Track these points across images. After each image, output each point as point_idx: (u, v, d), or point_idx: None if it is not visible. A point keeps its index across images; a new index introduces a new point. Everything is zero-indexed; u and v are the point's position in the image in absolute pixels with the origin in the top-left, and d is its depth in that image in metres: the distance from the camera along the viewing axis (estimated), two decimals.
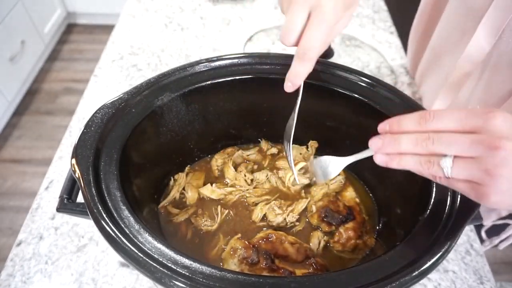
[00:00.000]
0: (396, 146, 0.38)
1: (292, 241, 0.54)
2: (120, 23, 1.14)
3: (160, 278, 0.37)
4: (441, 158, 0.36)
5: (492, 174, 0.33)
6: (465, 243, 0.67)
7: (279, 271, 0.49)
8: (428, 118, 0.37)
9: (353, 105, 0.59)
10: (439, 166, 0.36)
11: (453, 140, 0.35)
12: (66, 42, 2.64)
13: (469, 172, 0.34)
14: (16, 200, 1.80)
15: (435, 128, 0.36)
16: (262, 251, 0.51)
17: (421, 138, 0.36)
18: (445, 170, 0.35)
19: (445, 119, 0.36)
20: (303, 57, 0.45)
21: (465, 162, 0.34)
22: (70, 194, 0.49)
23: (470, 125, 0.34)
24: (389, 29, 1.13)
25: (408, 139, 0.37)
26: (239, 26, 1.13)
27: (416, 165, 0.38)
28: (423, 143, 0.36)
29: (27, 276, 0.61)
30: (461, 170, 0.35)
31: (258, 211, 0.61)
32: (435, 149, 0.36)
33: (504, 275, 1.55)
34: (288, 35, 0.45)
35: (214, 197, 0.63)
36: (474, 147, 0.34)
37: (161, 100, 0.56)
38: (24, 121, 2.14)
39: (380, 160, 0.40)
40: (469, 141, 0.34)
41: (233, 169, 0.67)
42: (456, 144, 0.35)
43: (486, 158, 0.33)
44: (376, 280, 0.38)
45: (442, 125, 0.36)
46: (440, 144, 0.35)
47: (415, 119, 0.37)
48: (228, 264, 0.53)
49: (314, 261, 0.52)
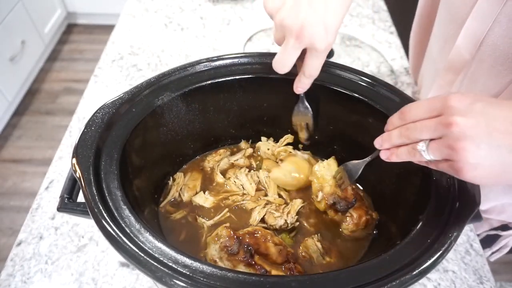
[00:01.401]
0: (390, 141, 0.44)
1: (276, 242, 0.54)
2: (120, 23, 1.14)
3: (161, 277, 0.37)
4: (418, 144, 0.40)
5: (455, 148, 0.36)
6: (465, 243, 0.67)
7: (255, 267, 0.50)
8: (405, 112, 0.42)
9: (352, 104, 0.59)
10: (419, 151, 0.40)
11: (423, 126, 0.39)
12: (66, 42, 2.64)
13: (441, 151, 0.38)
14: (16, 200, 1.80)
15: (411, 119, 0.41)
16: (245, 244, 0.52)
17: (403, 130, 0.42)
18: (423, 154, 0.40)
19: (417, 109, 0.41)
20: (309, 75, 0.53)
21: (436, 143, 0.39)
22: (71, 194, 0.49)
23: (435, 110, 0.39)
24: (389, 29, 1.13)
25: (396, 133, 0.43)
26: (239, 26, 1.13)
27: (407, 154, 0.42)
28: (404, 134, 0.42)
29: (27, 276, 0.62)
30: (435, 151, 0.39)
31: (255, 215, 0.61)
32: (413, 137, 0.41)
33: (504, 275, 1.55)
34: (282, 68, 0.52)
35: (207, 206, 0.63)
36: (438, 128, 0.38)
37: (161, 100, 0.56)
38: (24, 121, 2.14)
39: (384, 156, 0.45)
40: (433, 124, 0.38)
41: (221, 176, 0.67)
42: (426, 129, 0.39)
43: (447, 136, 0.37)
44: (376, 279, 0.38)
45: (416, 115, 0.41)
46: (415, 132, 0.40)
47: (398, 115, 0.43)
48: (210, 248, 0.53)
49: (293, 266, 0.52)
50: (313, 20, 0.46)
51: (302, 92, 0.57)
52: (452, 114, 0.37)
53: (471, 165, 0.36)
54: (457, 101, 0.37)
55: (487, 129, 0.35)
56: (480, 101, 0.37)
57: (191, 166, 0.69)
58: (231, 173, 0.67)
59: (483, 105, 0.36)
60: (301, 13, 0.46)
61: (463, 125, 0.36)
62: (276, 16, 0.48)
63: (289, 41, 0.48)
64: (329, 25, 0.47)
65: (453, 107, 0.37)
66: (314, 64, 0.51)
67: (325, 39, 0.48)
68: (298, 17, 0.46)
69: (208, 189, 0.66)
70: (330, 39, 0.48)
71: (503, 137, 0.35)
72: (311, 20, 0.46)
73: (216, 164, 0.68)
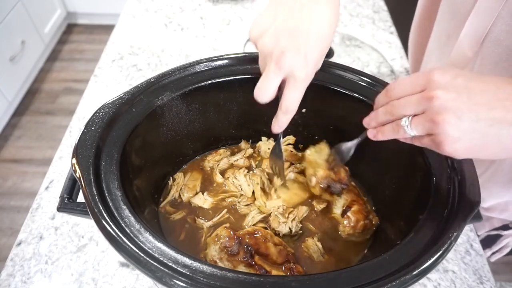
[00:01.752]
0: (377, 119, 0.45)
1: (276, 242, 0.54)
2: (120, 23, 1.14)
3: (161, 277, 0.37)
4: (402, 120, 0.41)
5: (436, 121, 0.37)
6: (465, 242, 0.67)
7: (255, 268, 0.50)
8: (390, 89, 0.43)
9: (353, 104, 0.59)
10: (402, 126, 0.41)
11: (406, 102, 0.40)
12: (66, 42, 2.64)
13: (423, 126, 0.39)
14: (16, 200, 1.80)
15: (396, 96, 0.42)
16: (245, 244, 0.52)
17: (388, 107, 0.42)
18: (407, 130, 0.41)
19: (402, 86, 0.41)
20: (286, 111, 0.51)
21: (418, 117, 0.39)
22: (71, 194, 0.49)
23: (418, 86, 0.39)
24: (389, 29, 1.13)
25: (381, 111, 0.43)
26: (239, 26, 1.13)
27: (391, 131, 0.43)
28: (389, 111, 0.42)
29: (27, 276, 0.62)
30: (418, 126, 0.39)
31: (249, 220, 0.61)
32: (397, 113, 0.41)
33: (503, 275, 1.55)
34: (263, 96, 0.50)
35: (206, 207, 0.63)
36: (420, 102, 0.38)
37: (161, 99, 0.56)
38: (24, 121, 2.14)
39: (371, 134, 0.46)
40: (416, 99, 0.39)
41: (220, 176, 0.67)
42: (409, 104, 0.40)
43: (428, 110, 0.38)
44: (377, 279, 0.38)
45: (401, 92, 0.41)
46: (398, 108, 0.41)
47: (384, 92, 0.44)
48: (210, 249, 0.53)
49: (293, 266, 0.52)
50: (292, 48, 0.46)
51: (279, 131, 0.54)
52: (434, 88, 0.37)
53: (452, 138, 0.37)
54: (439, 76, 0.38)
55: (468, 102, 0.36)
56: (462, 75, 0.37)
57: (191, 166, 0.69)
58: (230, 173, 0.67)
59: (465, 79, 0.37)
60: (281, 41, 0.46)
61: (444, 98, 0.36)
62: (258, 42, 0.49)
63: (270, 67, 0.47)
64: (309, 55, 0.47)
65: (436, 81, 0.37)
66: (293, 96, 0.49)
67: (305, 68, 0.47)
68: (278, 44, 0.46)
69: (208, 190, 0.66)
70: (310, 69, 0.47)
71: (483, 110, 0.36)
72: (291, 48, 0.46)
73: (216, 164, 0.68)
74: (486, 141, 0.37)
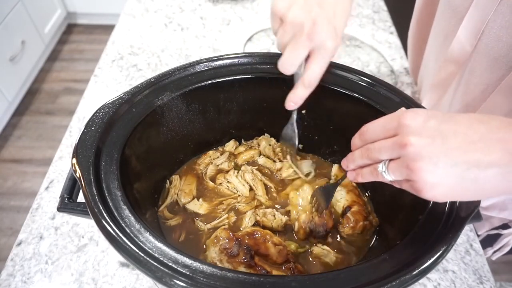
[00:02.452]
0: (354, 162, 0.43)
1: (276, 242, 0.54)
2: (120, 23, 1.14)
3: (161, 277, 0.37)
4: (379, 165, 0.39)
5: (412, 168, 0.35)
6: (465, 242, 0.67)
7: (255, 268, 0.50)
8: (364, 132, 0.41)
9: (353, 104, 0.59)
10: (380, 172, 0.40)
11: (381, 147, 0.39)
12: (66, 42, 2.64)
13: (400, 172, 0.37)
14: (16, 200, 1.80)
15: (371, 139, 0.40)
16: (244, 245, 0.52)
17: (363, 150, 0.41)
18: (384, 175, 0.39)
19: (374, 129, 0.40)
20: (309, 85, 0.51)
21: (395, 163, 0.38)
22: (71, 194, 0.49)
23: (390, 129, 0.38)
24: (389, 29, 1.13)
25: (358, 154, 0.42)
26: (239, 26, 1.13)
27: (370, 175, 0.41)
28: (365, 154, 0.41)
29: (27, 276, 0.62)
30: (395, 171, 0.38)
31: (247, 220, 0.61)
32: (373, 157, 0.40)
33: (503, 275, 1.55)
34: (289, 67, 0.50)
35: (202, 212, 0.63)
36: (394, 148, 0.37)
37: (161, 99, 0.56)
38: (24, 121, 2.14)
39: (351, 177, 0.45)
40: (389, 144, 0.37)
41: (211, 183, 0.66)
42: (384, 149, 0.38)
43: (404, 156, 0.36)
44: (377, 278, 0.38)
45: (374, 135, 0.40)
46: (374, 152, 0.40)
47: (358, 135, 0.42)
48: (209, 251, 0.53)
49: (293, 266, 0.52)
50: (323, 19, 0.47)
51: (294, 107, 0.54)
52: (406, 134, 0.36)
53: (431, 185, 0.35)
54: (410, 119, 0.36)
55: (443, 147, 0.34)
56: (434, 117, 0.36)
57: (187, 170, 0.69)
58: (221, 178, 0.66)
59: (437, 122, 0.35)
60: (313, 12, 0.47)
61: (418, 145, 0.35)
62: (288, 14, 0.48)
63: (300, 39, 0.47)
64: (338, 26, 0.48)
65: (407, 125, 0.36)
66: (319, 68, 0.50)
67: (335, 39, 0.48)
68: (310, 15, 0.46)
69: (204, 195, 0.65)
70: (339, 40, 0.49)
71: (459, 154, 0.34)
72: (322, 19, 0.47)
73: (204, 170, 0.68)
74: (464, 185, 0.35)
